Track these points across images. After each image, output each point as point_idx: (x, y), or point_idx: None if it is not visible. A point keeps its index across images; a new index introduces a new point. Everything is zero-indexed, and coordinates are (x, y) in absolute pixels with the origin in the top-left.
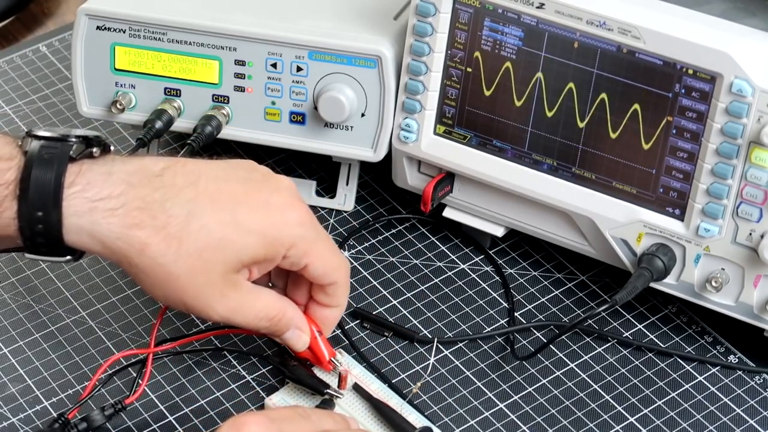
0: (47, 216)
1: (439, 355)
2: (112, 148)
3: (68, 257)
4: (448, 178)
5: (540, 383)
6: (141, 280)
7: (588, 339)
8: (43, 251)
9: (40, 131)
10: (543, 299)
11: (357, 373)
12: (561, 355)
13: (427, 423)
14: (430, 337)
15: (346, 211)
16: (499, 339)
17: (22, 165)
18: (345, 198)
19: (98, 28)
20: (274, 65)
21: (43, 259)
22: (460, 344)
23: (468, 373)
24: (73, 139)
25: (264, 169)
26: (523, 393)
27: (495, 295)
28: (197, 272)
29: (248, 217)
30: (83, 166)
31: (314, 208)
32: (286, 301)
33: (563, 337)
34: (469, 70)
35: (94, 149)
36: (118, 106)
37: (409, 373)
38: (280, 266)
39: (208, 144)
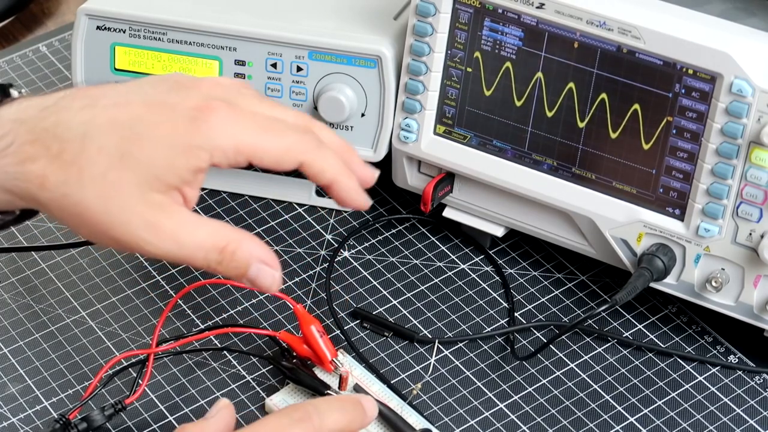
0: None
1: (439, 355)
2: (21, 92)
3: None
4: (448, 178)
5: (540, 383)
6: (58, 219)
7: (588, 339)
8: None
9: None
10: (543, 299)
11: (358, 374)
12: (561, 355)
13: (427, 425)
14: (430, 337)
15: (346, 211)
16: (499, 339)
17: None
18: None
19: (98, 28)
20: (274, 65)
21: None
22: (460, 344)
23: (468, 373)
24: None
25: (177, 78)
26: (523, 393)
27: (495, 295)
28: (107, 197)
29: (152, 130)
30: None
31: (314, 208)
32: (241, 231)
33: (563, 337)
34: (469, 70)
35: None
36: None
37: (409, 373)
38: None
39: None
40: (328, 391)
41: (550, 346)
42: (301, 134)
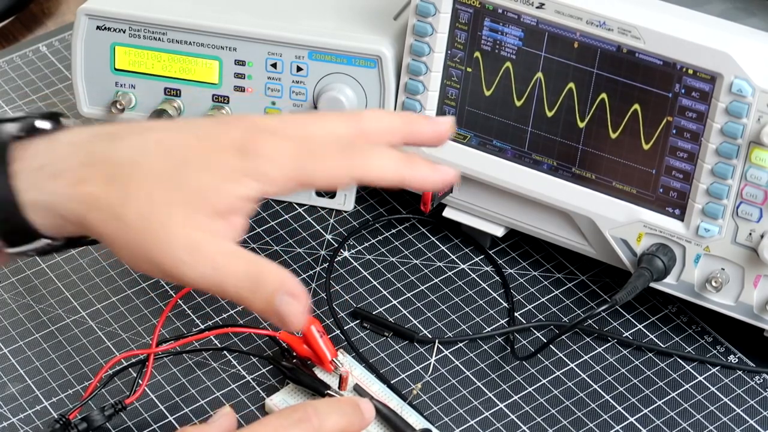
0: (1, 198)
1: (439, 355)
2: (69, 121)
3: (46, 241)
4: None
5: (540, 383)
6: (105, 241)
7: (588, 339)
8: (16, 240)
9: None
10: (543, 299)
11: (358, 374)
12: (561, 355)
13: (427, 425)
14: (430, 337)
15: (346, 211)
16: (499, 339)
17: None
18: (345, 198)
19: (98, 28)
20: (274, 65)
21: (24, 251)
22: (460, 344)
23: (468, 373)
24: (23, 119)
25: (223, 117)
26: (523, 393)
27: (495, 295)
28: (152, 216)
29: (201, 157)
30: (30, 142)
31: (314, 208)
32: (276, 265)
33: (563, 337)
34: (469, 70)
35: (41, 122)
36: (118, 106)
37: (409, 373)
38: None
39: None
40: (328, 392)
41: (550, 346)
42: (349, 150)
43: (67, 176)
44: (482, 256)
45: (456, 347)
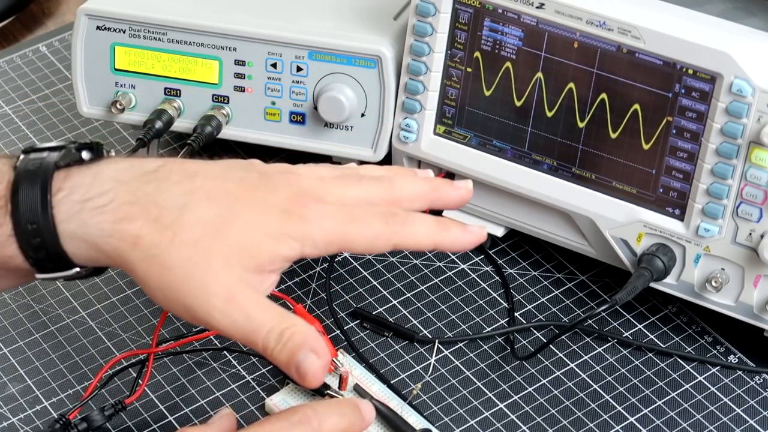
0: (40, 226)
1: (440, 355)
2: (110, 152)
3: (76, 269)
4: (448, 178)
5: (540, 383)
6: (140, 279)
7: (588, 339)
8: (48, 267)
9: (36, 146)
10: (543, 299)
11: (358, 374)
12: (561, 355)
13: (427, 425)
14: (430, 337)
15: None
16: (499, 339)
17: (12, 180)
18: None
19: (98, 28)
20: (274, 65)
21: (54, 277)
22: (460, 344)
23: (468, 373)
24: (63, 147)
25: (261, 167)
26: (523, 393)
27: (495, 295)
28: (194, 262)
29: (248, 213)
30: (71, 171)
31: None
32: (305, 322)
33: (563, 337)
34: (469, 70)
35: (83, 153)
36: (118, 106)
37: (409, 373)
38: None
39: (208, 144)
40: (329, 392)
41: (550, 346)
42: (387, 217)
43: (111, 212)
44: (482, 256)
45: (456, 347)
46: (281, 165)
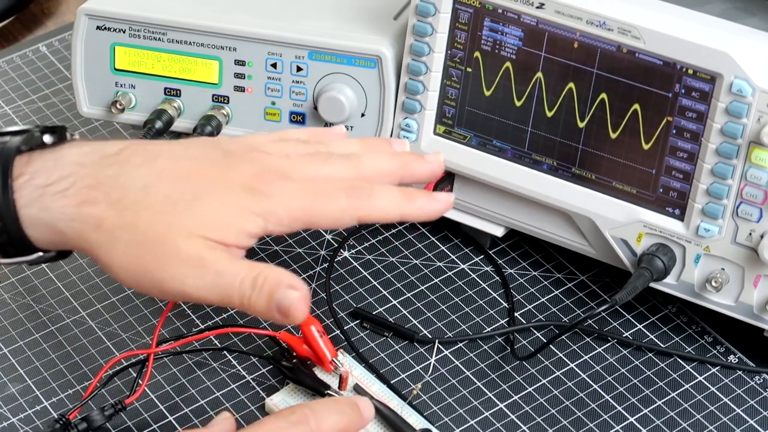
0: (0, 212)
1: (439, 355)
2: (74, 135)
3: (39, 253)
4: (448, 178)
5: (540, 383)
6: (103, 262)
7: (588, 339)
8: (11, 252)
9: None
10: (543, 299)
11: (358, 374)
12: (561, 355)
13: (427, 425)
14: (430, 337)
15: None
16: (499, 339)
17: None
18: None
19: (98, 28)
20: (274, 65)
21: (16, 262)
22: (460, 344)
23: (468, 373)
24: (27, 131)
25: (226, 145)
26: (523, 393)
27: (495, 295)
28: (159, 238)
29: (211, 191)
30: (33, 156)
31: None
32: (273, 266)
33: (563, 337)
34: (469, 70)
35: (46, 137)
36: (118, 106)
37: (409, 373)
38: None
39: None
40: (328, 392)
41: (550, 346)
42: (352, 190)
43: (72, 196)
44: (482, 256)
45: (456, 347)
46: (248, 139)
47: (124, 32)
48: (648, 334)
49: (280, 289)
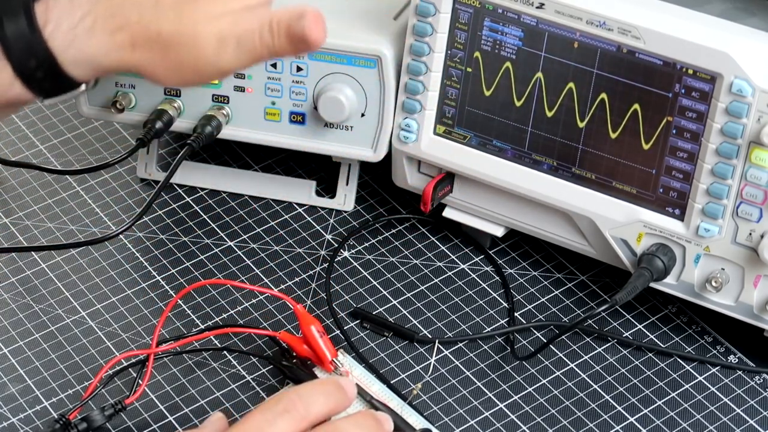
0: (41, 62)
1: (440, 355)
2: None
3: (83, 87)
4: (448, 178)
5: (540, 383)
6: (149, 75)
7: (588, 339)
8: (59, 92)
9: None
10: (543, 299)
11: (358, 374)
12: (561, 355)
13: (427, 425)
14: (430, 337)
15: (346, 211)
16: (499, 339)
17: None
18: (345, 198)
19: None
20: (274, 65)
21: (63, 98)
22: (460, 344)
23: (468, 373)
24: None
25: None
26: (523, 393)
27: (495, 295)
28: (185, 35)
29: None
30: (48, 3)
31: (314, 208)
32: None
33: (563, 337)
34: (469, 70)
35: None
36: (118, 106)
37: (409, 373)
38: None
39: (208, 144)
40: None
41: (550, 346)
42: None
43: (100, 32)
44: (482, 256)
45: (456, 347)
46: None
47: None
48: (648, 334)
49: (293, 21)
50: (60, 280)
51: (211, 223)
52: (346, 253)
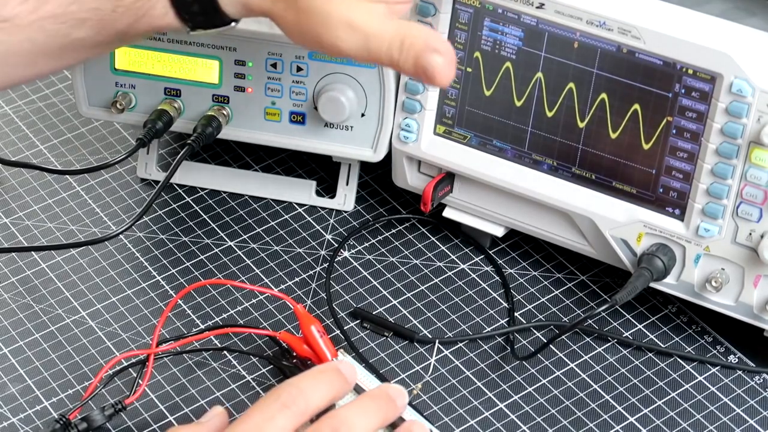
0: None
1: (440, 355)
2: None
3: (233, 23)
4: (448, 178)
5: (540, 383)
6: (282, 24)
7: (588, 339)
8: (213, 26)
9: None
10: (543, 299)
11: (358, 374)
12: (561, 355)
13: (427, 425)
14: (430, 337)
15: (346, 211)
16: (499, 339)
17: None
18: (345, 198)
19: None
20: (274, 65)
21: (212, 33)
22: (460, 344)
23: (468, 373)
24: None
25: None
26: (523, 393)
27: (495, 295)
28: (318, 7)
29: None
30: None
31: (314, 208)
32: (422, 26)
33: (563, 337)
34: (469, 70)
35: None
36: (118, 106)
37: (409, 373)
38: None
39: (208, 144)
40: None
41: (550, 346)
42: None
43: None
44: (482, 256)
45: (456, 347)
46: None
47: None
48: (648, 334)
49: (426, 54)
50: (60, 280)
51: (211, 223)
52: (346, 253)
